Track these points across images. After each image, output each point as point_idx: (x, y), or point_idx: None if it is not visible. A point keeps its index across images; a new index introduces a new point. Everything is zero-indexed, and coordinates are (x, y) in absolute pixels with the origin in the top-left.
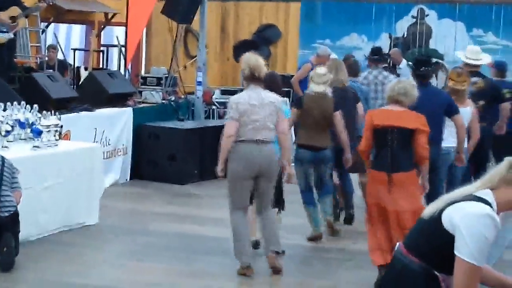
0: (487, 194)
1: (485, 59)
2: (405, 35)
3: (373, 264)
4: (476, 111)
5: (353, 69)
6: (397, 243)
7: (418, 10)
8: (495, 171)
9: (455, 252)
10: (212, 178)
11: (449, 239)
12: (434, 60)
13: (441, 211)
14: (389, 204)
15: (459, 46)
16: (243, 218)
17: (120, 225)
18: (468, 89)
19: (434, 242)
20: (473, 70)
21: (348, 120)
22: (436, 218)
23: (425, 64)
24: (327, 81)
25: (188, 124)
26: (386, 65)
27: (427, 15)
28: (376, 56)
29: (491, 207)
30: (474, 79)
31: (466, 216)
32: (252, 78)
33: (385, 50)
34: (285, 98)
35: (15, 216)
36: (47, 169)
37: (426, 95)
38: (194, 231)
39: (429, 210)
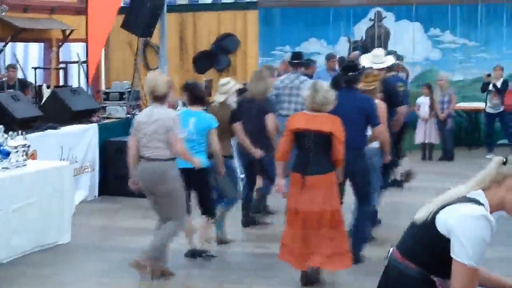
0: (480, 195)
1: (389, 61)
2: (363, 38)
3: (279, 258)
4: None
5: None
6: (390, 249)
7: (375, 13)
8: (485, 171)
9: (453, 256)
10: None
11: (444, 243)
12: (361, 65)
13: (435, 214)
14: (303, 205)
15: (418, 46)
16: (158, 227)
17: (92, 243)
18: (377, 88)
19: (429, 246)
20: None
21: (256, 130)
22: (430, 222)
23: (352, 69)
24: (228, 91)
25: None
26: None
27: (384, 17)
28: (296, 60)
29: (484, 207)
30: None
31: (461, 219)
32: (154, 98)
33: (345, 53)
34: None
35: None
36: (17, 190)
37: (351, 100)
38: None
39: (421, 214)
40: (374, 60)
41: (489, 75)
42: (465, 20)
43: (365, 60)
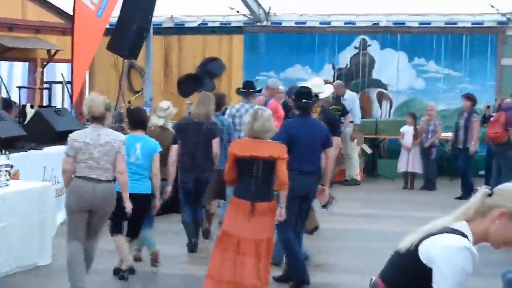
0: (463, 226)
1: (327, 91)
2: (348, 66)
3: None
4: None
5: (221, 102)
6: (373, 278)
7: (360, 41)
8: (470, 202)
9: (434, 286)
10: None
11: (426, 272)
12: (314, 92)
13: (418, 244)
14: (247, 233)
15: (402, 75)
16: (77, 247)
17: None
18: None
19: (411, 276)
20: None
21: (204, 152)
22: (413, 252)
23: (306, 96)
24: (168, 115)
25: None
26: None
27: (369, 45)
28: (245, 90)
29: (468, 239)
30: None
31: (443, 250)
32: (92, 118)
33: (330, 79)
34: None
35: None
36: None
37: (306, 127)
38: (147, 267)
39: (405, 243)
40: (314, 89)
41: (488, 107)
42: (449, 51)
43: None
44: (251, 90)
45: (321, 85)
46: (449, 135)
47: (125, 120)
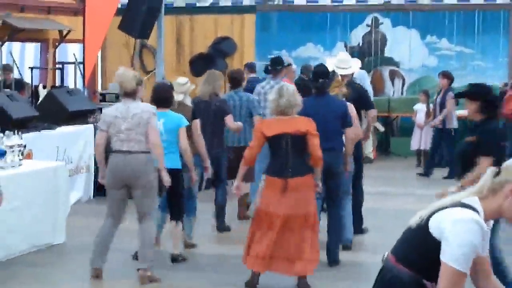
0: (475, 202)
1: (354, 67)
2: (360, 44)
3: (247, 267)
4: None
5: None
6: (386, 253)
7: (372, 19)
8: (482, 181)
9: (441, 257)
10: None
11: (436, 245)
12: (331, 70)
13: (428, 218)
14: (281, 209)
15: (414, 53)
16: (109, 225)
17: (86, 243)
18: (341, 93)
19: (422, 250)
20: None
21: (212, 130)
22: (423, 226)
23: (322, 75)
24: (186, 91)
25: None
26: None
27: (381, 23)
28: (272, 67)
29: (478, 214)
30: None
31: (453, 222)
32: (124, 93)
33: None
34: None
35: None
36: (12, 190)
37: (324, 106)
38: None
39: (416, 218)
40: (339, 64)
41: (506, 84)
42: (461, 28)
43: (330, 64)
44: (278, 67)
45: (348, 60)
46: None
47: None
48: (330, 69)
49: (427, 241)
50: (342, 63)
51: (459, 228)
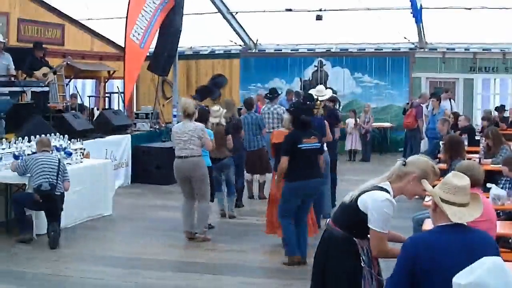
0: (387, 185)
1: (327, 94)
2: (310, 79)
3: (265, 233)
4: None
5: (251, 104)
6: (327, 220)
7: (318, 61)
8: (392, 169)
9: (369, 225)
10: None
11: (363, 216)
12: (315, 96)
13: (357, 196)
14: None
15: (346, 84)
16: (186, 203)
17: (126, 215)
18: (320, 112)
19: (353, 218)
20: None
21: (237, 139)
22: (354, 202)
23: (309, 99)
24: (220, 115)
25: (168, 144)
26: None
27: (324, 65)
28: (271, 95)
29: (389, 193)
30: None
31: (374, 200)
32: (184, 115)
33: (298, 88)
34: None
35: (62, 196)
36: (76, 178)
37: (314, 121)
38: (177, 217)
39: (348, 196)
40: (318, 93)
41: (408, 103)
42: (377, 67)
43: (312, 93)
44: (275, 95)
45: (323, 90)
46: (378, 124)
47: (161, 117)
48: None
49: (356, 213)
50: (320, 92)
51: (378, 204)
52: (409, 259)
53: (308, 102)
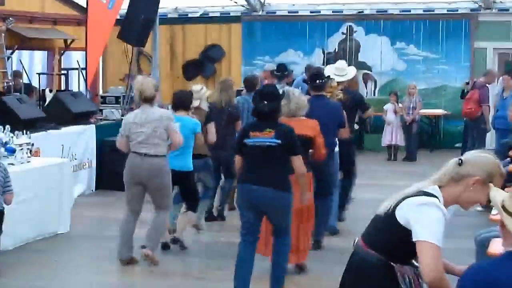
0: (434, 190)
1: (350, 73)
2: (336, 50)
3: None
4: None
5: (254, 84)
6: (356, 238)
7: (347, 27)
8: (443, 170)
9: (415, 240)
10: None
11: (403, 232)
12: (326, 74)
13: (395, 207)
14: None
15: (385, 58)
16: (129, 217)
17: (89, 232)
18: (337, 97)
19: (389, 236)
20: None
21: (224, 132)
22: (391, 214)
23: (319, 77)
24: (201, 97)
25: None
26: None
27: (356, 31)
28: (279, 72)
29: (438, 199)
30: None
31: (417, 207)
32: (144, 99)
33: (320, 63)
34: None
35: (1, 214)
36: (21, 184)
37: (322, 106)
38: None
39: (384, 207)
40: (336, 72)
41: (467, 83)
42: (427, 35)
43: (329, 71)
44: (284, 73)
45: (344, 68)
46: (427, 111)
47: (136, 101)
48: (331, 76)
49: (394, 228)
50: (339, 70)
51: (424, 211)
52: None
53: (317, 81)
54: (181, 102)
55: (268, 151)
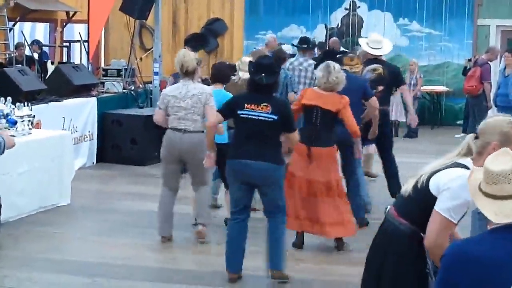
0: (467, 162)
1: (386, 48)
2: (339, 25)
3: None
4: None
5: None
6: (388, 206)
7: (350, 3)
8: (465, 144)
9: (434, 207)
10: None
11: (434, 202)
12: (372, 47)
13: (429, 177)
14: (312, 175)
15: (388, 34)
16: (168, 195)
17: (89, 205)
18: (360, 71)
19: (422, 206)
20: (375, 57)
21: None
22: (424, 185)
23: (334, 54)
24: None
25: (147, 111)
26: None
27: (359, 7)
28: (305, 45)
29: None
30: (374, 66)
31: (451, 179)
32: (182, 72)
33: (322, 39)
34: None
35: None
36: (22, 155)
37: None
38: (155, 209)
39: (416, 177)
40: (372, 45)
41: (470, 60)
42: (430, 12)
43: (363, 44)
44: (310, 46)
45: (379, 41)
46: (429, 88)
47: (137, 75)
48: (362, 48)
49: (426, 199)
50: (374, 43)
51: (455, 183)
52: (450, 284)
53: (337, 56)
54: (221, 75)
55: (263, 126)
